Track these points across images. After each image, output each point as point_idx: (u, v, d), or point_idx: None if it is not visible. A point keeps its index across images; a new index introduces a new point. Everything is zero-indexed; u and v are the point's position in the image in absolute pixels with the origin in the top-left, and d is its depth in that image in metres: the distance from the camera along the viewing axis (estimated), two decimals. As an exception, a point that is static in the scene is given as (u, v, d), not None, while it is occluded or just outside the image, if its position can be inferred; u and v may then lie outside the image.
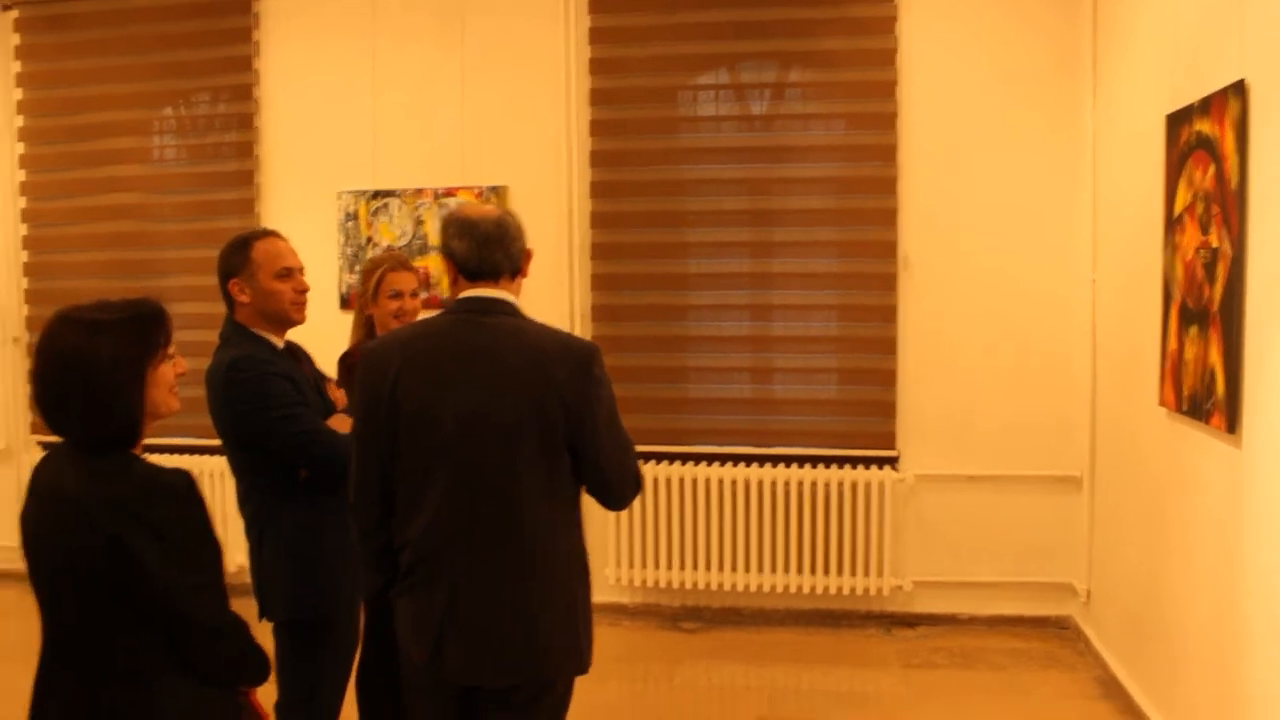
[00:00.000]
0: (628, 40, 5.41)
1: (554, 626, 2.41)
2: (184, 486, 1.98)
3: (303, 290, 3.05)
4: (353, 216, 5.64)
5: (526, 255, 2.52)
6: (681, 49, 5.36)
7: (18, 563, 2.07)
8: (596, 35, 5.40)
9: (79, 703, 1.95)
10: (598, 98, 5.42)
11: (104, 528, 1.89)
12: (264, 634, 2.73)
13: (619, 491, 2.55)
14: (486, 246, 2.44)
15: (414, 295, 3.64)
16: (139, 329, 2.00)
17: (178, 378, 2.10)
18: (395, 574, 2.47)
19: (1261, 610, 3.07)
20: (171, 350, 2.06)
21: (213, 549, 2.03)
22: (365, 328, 3.65)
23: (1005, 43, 5.12)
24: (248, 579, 3.05)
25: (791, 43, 5.29)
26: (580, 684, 2.56)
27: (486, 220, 2.46)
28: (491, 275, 2.45)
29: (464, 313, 2.44)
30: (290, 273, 3.01)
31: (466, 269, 2.45)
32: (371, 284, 3.57)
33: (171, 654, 1.96)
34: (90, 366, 1.94)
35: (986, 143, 5.15)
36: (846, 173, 5.28)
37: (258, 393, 2.89)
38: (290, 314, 3.02)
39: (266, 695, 2.40)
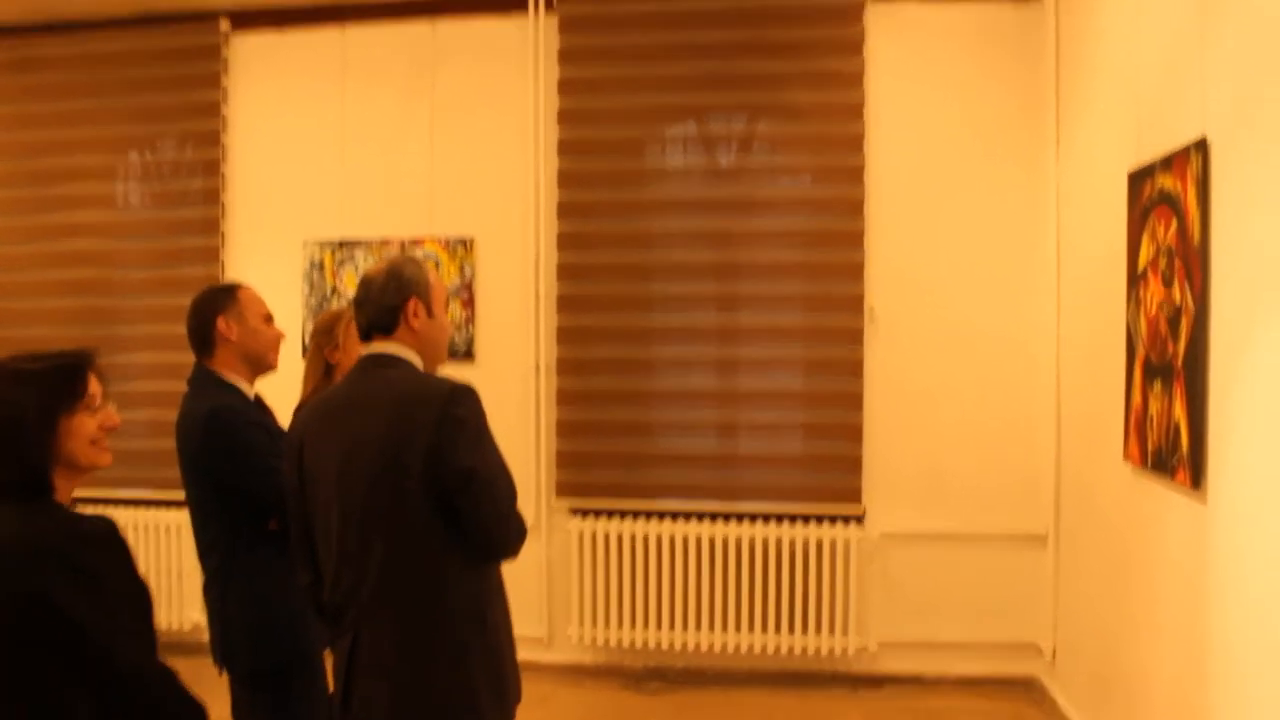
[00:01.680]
0: (596, 91, 5.42)
1: (441, 679, 2.39)
2: (107, 532, 1.94)
3: (279, 338, 3.17)
4: (318, 266, 5.59)
5: (412, 302, 2.50)
6: (650, 100, 5.38)
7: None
8: (565, 86, 5.41)
9: None
10: (566, 148, 5.42)
11: (28, 577, 1.82)
12: (221, 687, 2.81)
13: (497, 536, 2.47)
14: (361, 309, 2.53)
15: None
16: (54, 380, 1.98)
17: (106, 430, 2.05)
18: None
19: (1226, 667, 3.04)
20: (94, 402, 2.02)
21: (141, 595, 1.98)
22: (321, 374, 3.61)
23: (971, 99, 5.18)
24: (204, 637, 3.06)
25: (760, 95, 5.31)
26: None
27: (364, 283, 2.54)
28: (380, 330, 2.51)
29: (359, 369, 2.53)
30: (270, 319, 3.14)
31: (360, 331, 2.55)
32: (341, 330, 3.58)
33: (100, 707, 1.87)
34: (3, 415, 1.92)
35: (952, 197, 5.19)
36: (813, 226, 5.28)
37: (238, 441, 2.93)
38: (270, 356, 3.13)
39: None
